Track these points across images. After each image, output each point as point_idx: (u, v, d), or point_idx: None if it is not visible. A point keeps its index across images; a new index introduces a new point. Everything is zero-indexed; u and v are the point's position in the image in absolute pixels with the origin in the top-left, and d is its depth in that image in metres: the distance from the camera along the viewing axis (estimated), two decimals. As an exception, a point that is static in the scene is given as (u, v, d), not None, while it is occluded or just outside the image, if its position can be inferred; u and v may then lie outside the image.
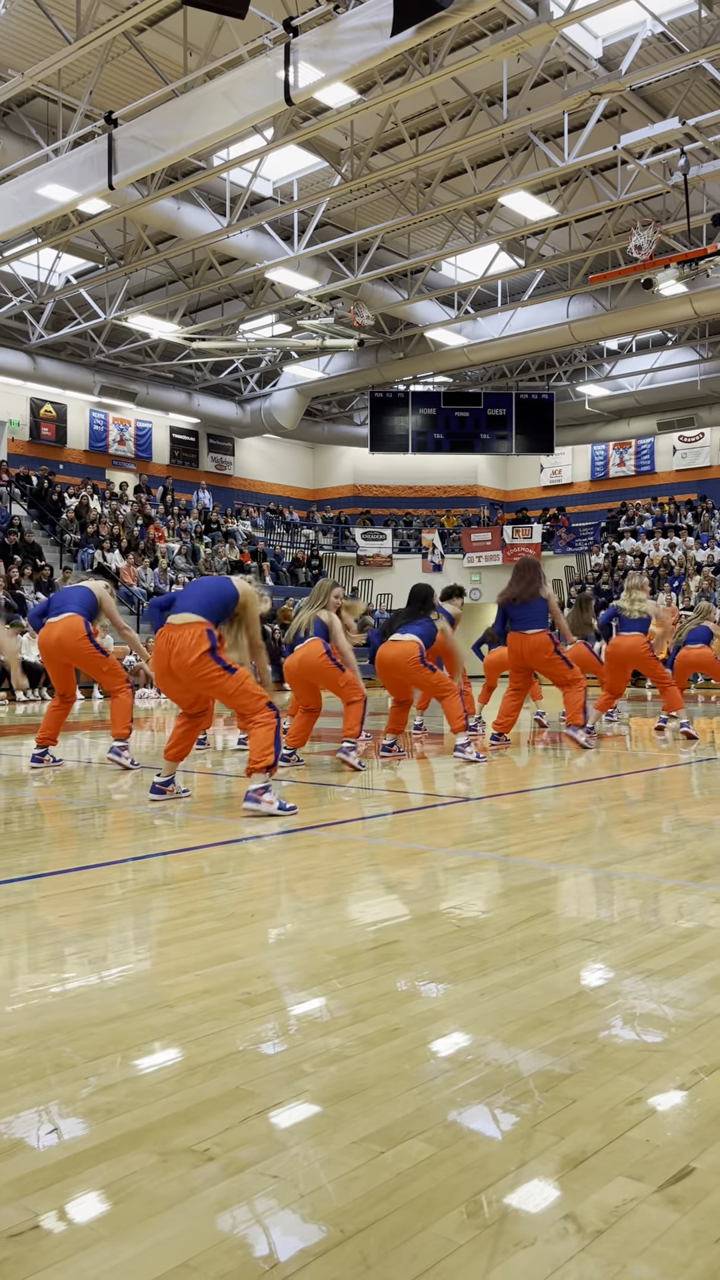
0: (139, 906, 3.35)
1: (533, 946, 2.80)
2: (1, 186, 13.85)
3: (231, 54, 11.22)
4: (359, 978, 2.55)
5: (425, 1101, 1.85)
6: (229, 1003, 2.37)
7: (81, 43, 11.06)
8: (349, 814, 5.27)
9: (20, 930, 3.02)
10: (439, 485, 30.97)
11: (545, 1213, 1.49)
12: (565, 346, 22.55)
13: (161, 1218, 1.47)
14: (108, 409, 25.88)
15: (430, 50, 11.58)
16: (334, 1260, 1.37)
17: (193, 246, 16.60)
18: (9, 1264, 1.36)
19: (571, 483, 30.83)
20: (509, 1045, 2.11)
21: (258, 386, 26.89)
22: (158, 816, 5.12)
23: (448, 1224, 1.45)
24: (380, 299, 20.06)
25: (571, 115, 13.75)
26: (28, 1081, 1.95)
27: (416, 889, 3.57)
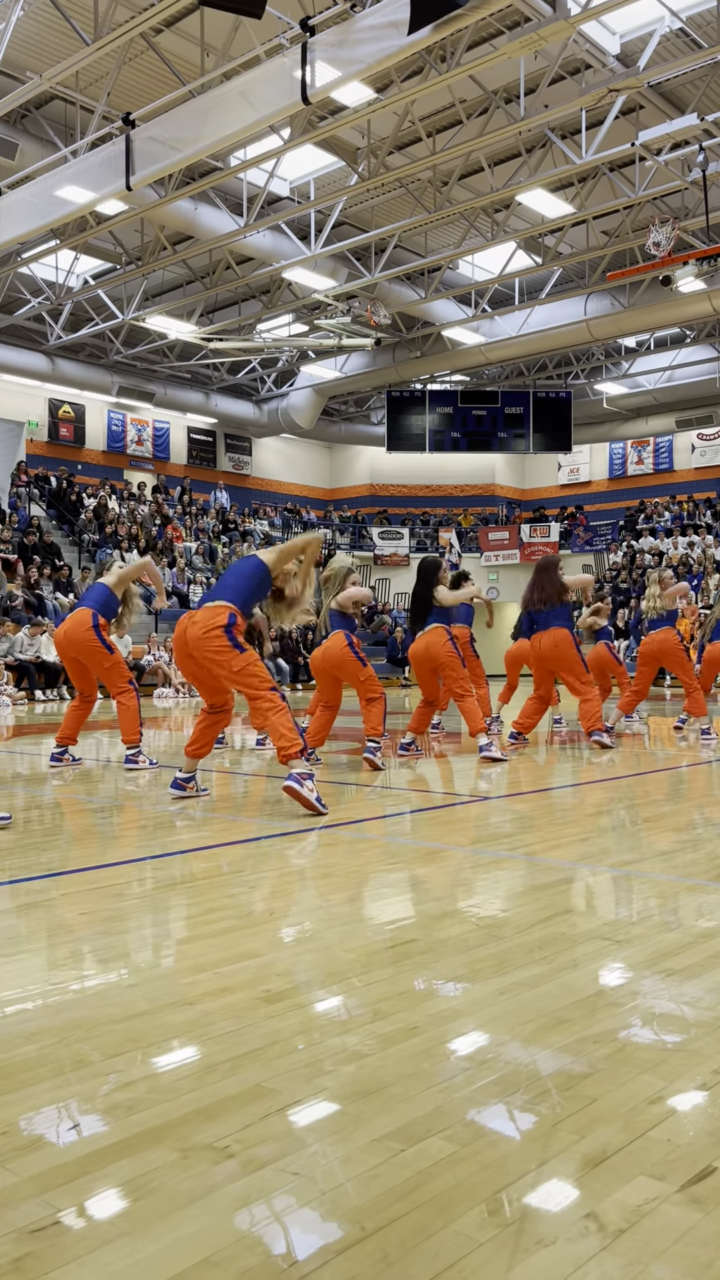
0: (158, 904, 3.36)
1: (552, 945, 2.79)
2: (20, 188, 13.92)
3: (248, 54, 11.23)
4: (378, 976, 2.55)
5: (445, 1100, 1.85)
6: (248, 1000, 2.38)
7: (99, 44, 11.10)
8: (368, 813, 5.27)
9: (40, 928, 3.04)
10: (456, 484, 30.92)
11: (566, 1212, 1.48)
12: (583, 344, 22.47)
13: (182, 1214, 1.48)
14: (125, 409, 25.97)
15: (447, 48, 11.56)
16: (355, 1257, 1.37)
17: (210, 247, 16.64)
18: (31, 1259, 1.37)
19: (589, 481, 30.73)
20: (528, 1044, 2.11)
21: (275, 386, 26.92)
22: (177, 815, 5.14)
23: (468, 1222, 1.45)
24: (397, 298, 20.05)
25: (589, 112, 13.71)
26: (49, 1078, 1.96)
27: (436, 888, 3.56)
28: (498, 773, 6.88)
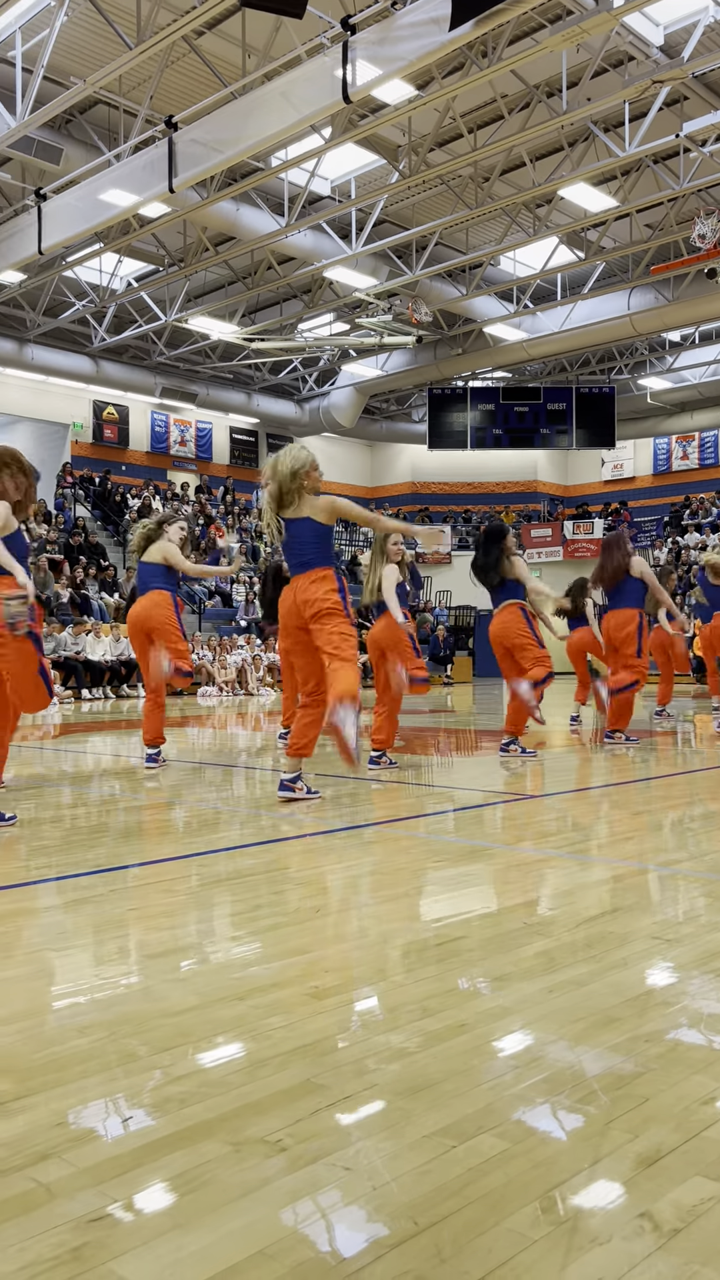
0: (205, 901, 3.39)
1: (601, 944, 2.77)
2: (65, 193, 14.08)
3: (289, 54, 11.27)
4: (425, 973, 2.55)
5: (495, 1097, 1.85)
6: (296, 996, 2.39)
7: (142, 48, 11.19)
8: (412, 810, 5.27)
9: (90, 924, 3.07)
10: (498, 481, 30.78)
11: (620, 1211, 1.48)
12: (626, 339, 22.28)
13: (236, 1206, 1.49)
14: (169, 410, 26.16)
15: (489, 43, 11.51)
16: (408, 1252, 1.37)
17: (251, 247, 16.72)
18: (89, 1248, 1.39)
19: (633, 477, 30.44)
20: (578, 1043, 2.10)
21: (316, 385, 26.98)
22: (222, 812, 5.17)
23: (521, 1219, 1.45)
24: (438, 295, 20.00)
25: (632, 104, 13.58)
26: (101, 1071, 1.98)
27: (481, 885, 3.55)
28: (539, 771, 6.84)
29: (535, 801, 5.60)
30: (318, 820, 4.90)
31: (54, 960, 2.73)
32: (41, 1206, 1.50)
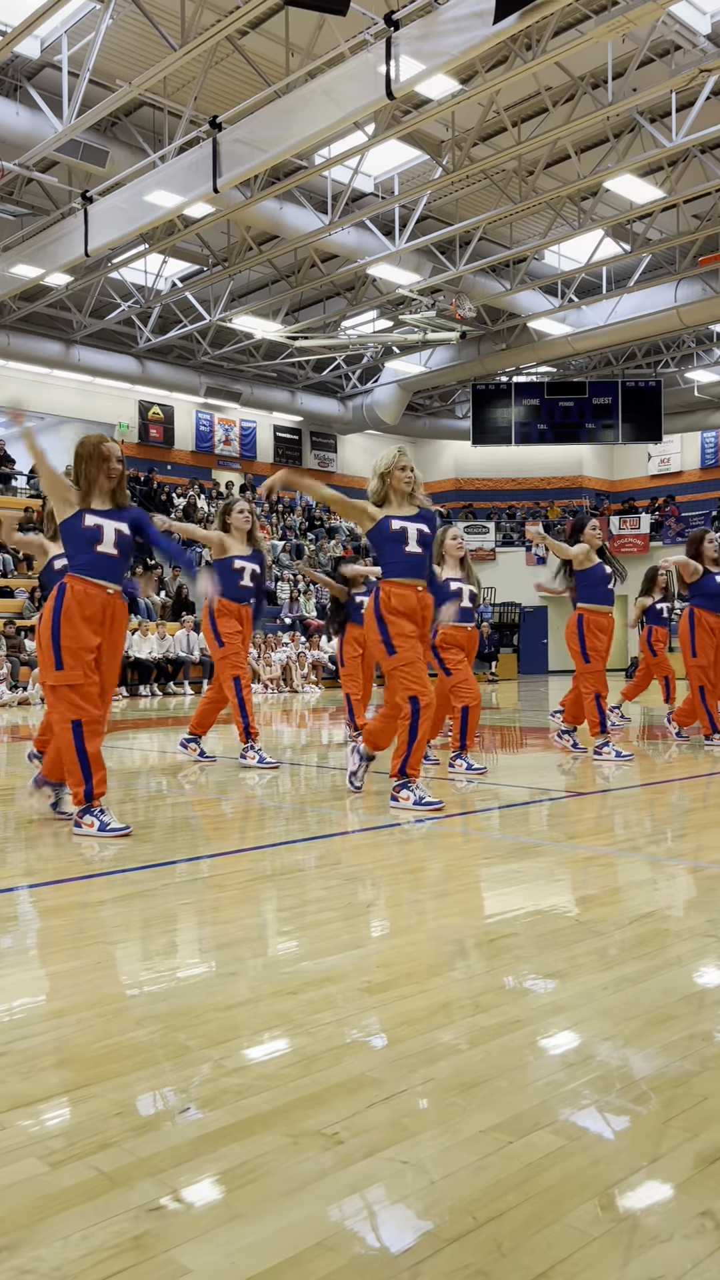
0: (257, 895, 3.41)
1: (654, 941, 2.75)
2: (111, 195, 14.21)
3: (333, 51, 11.27)
4: (478, 969, 2.55)
5: (550, 1094, 1.84)
6: (349, 991, 2.39)
7: (186, 49, 11.25)
8: (460, 807, 5.26)
9: (143, 918, 3.10)
10: (542, 477, 30.58)
11: (681, 1209, 1.46)
12: (673, 332, 22.00)
13: (295, 1197, 1.50)
14: (213, 409, 26.32)
15: (533, 36, 11.43)
16: (467, 1246, 1.37)
17: (295, 245, 16.75)
18: (150, 1237, 1.40)
19: (681, 471, 30.07)
20: (633, 1040, 2.08)
21: (359, 383, 26.99)
22: (268, 808, 5.19)
23: (581, 1216, 1.44)
24: (482, 290, 19.91)
25: (679, 94, 13.41)
26: (158, 1063, 2.00)
27: (531, 882, 3.54)
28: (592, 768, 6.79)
29: (584, 799, 5.56)
30: (367, 816, 4.91)
31: (109, 953, 2.77)
32: (103, 1195, 1.52)
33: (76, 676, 4.33)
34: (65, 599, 4.38)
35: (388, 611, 5.10)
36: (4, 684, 14.80)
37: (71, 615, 4.36)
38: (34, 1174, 1.58)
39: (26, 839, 4.48)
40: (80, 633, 4.36)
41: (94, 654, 4.40)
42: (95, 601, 4.41)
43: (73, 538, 4.49)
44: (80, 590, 4.40)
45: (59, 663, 4.33)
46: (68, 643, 4.33)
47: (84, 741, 4.33)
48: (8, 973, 2.59)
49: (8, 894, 3.43)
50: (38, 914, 3.24)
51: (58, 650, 4.33)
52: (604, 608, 7.24)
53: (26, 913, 3.24)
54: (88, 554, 4.45)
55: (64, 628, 4.34)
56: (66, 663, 4.33)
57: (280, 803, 5.45)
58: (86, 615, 4.38)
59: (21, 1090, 1.88)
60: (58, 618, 4.36)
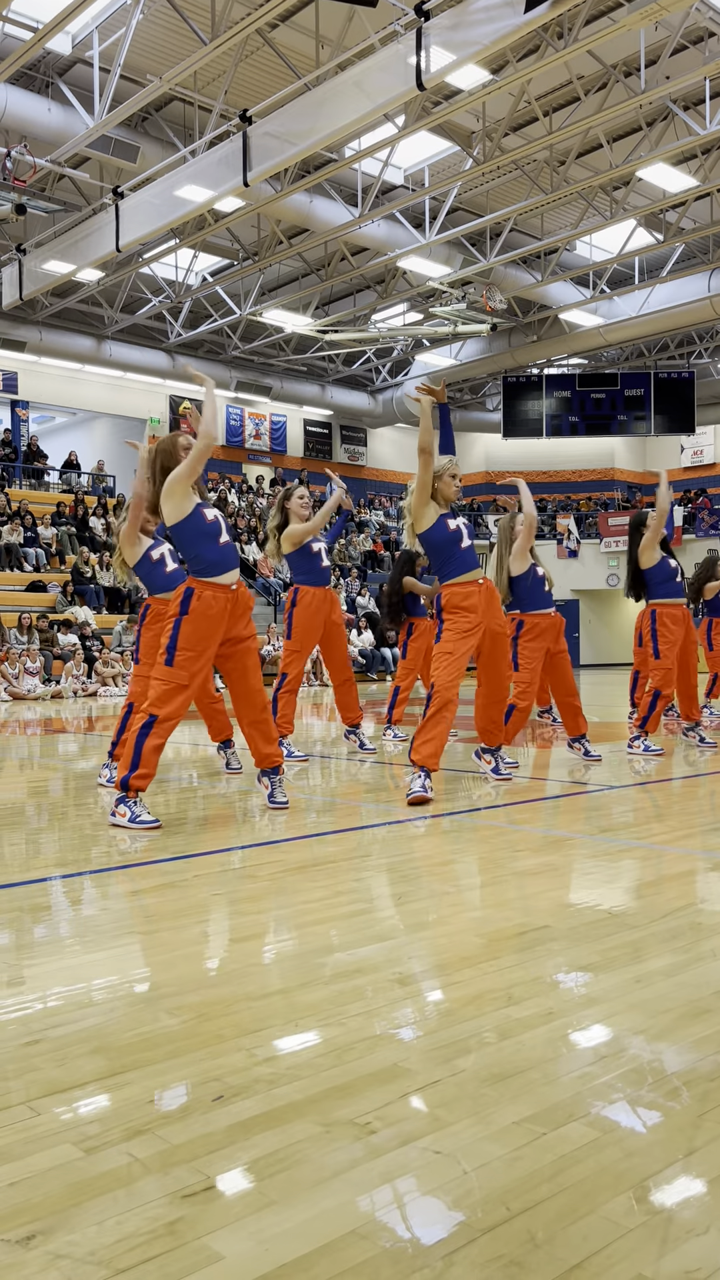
0: (288, 886, 3.41)
1: (688, 935, 2.73)
2: (142, 190, 14.25)
3: (363, 43, 11.23)
4: (509, 961, 2.54)
5: (583, 1086, 1.83)
6: (381, 982, 2.39)
7: (216, 43, 11.26)
8: (484, 801, 5.24)
9: (175, 908, 3.12)
10: (574, 469, 30.39)
11: (717, 1203, 1.45)
12: (707, 322, 21.77)
13: (328, 1186, 1.50)
14: (243, 404, 26.37)
15: (564, 24, 11.34)
16: (501, 1237, 1.37)
17: (325, 239, 16.73)
18: (183, 1223, 1.41)
19: (714, 463, 29.77)
20: (668, 1033, 2.06)
21: (389, 376, 26.93)
22: (301, 800, 5.20)
23: (615, 1208, 1.43)
24: (513, 282, 19.80)
25: (713, 81, 13.25)
26: (193, 1050, 2.01)
27: (563, 875, 3.52)
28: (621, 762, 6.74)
29: (615, 792, 5.53)
30: (397, 809, 4.91)
31: (142, 943, 2.78)
32: (137, 1181, 1.52)
33: (183, 677, 4.43)
34: (193, 605, 4.47)
35: (452, 610, 5.30)
36: (37, 678, 14.93)
37: (197, 619, 4.47)
38: (69, 1160, 1.59)
39: (60, 830, 4.52)
40: (207, 635, 4.50)
41: (210, 658, 4.57)
42: (223, 604, 4.54)
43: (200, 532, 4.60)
44: (211, 596, 4.51)
45: (170, 658, 4.45)
46: (185, 643, 4.45)
47: (149, 736, 4.41)
48: (42, 961, 2.61)
49: (41, 884, 3.46)
50: (70, 904, 3.27)
51: (172, 648, 4.45)
52: (678, 601, 7.18)
53: (60, 903, 3.27)
54: (215, 549, 4.57)
55: (185, 629, 4.46)
56: (177, 661, 4.44)
57: (311, 795, 5.46)
58: (214, 620, 4.52)
59: (56, 1077, 1.90)
60: (180, 619, 4.48)
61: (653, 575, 7.13)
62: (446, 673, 5.13)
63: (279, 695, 6.57)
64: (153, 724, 4.41)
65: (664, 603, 7.11)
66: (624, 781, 5.89)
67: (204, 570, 4.54)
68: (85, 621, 17.15)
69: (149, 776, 4.45)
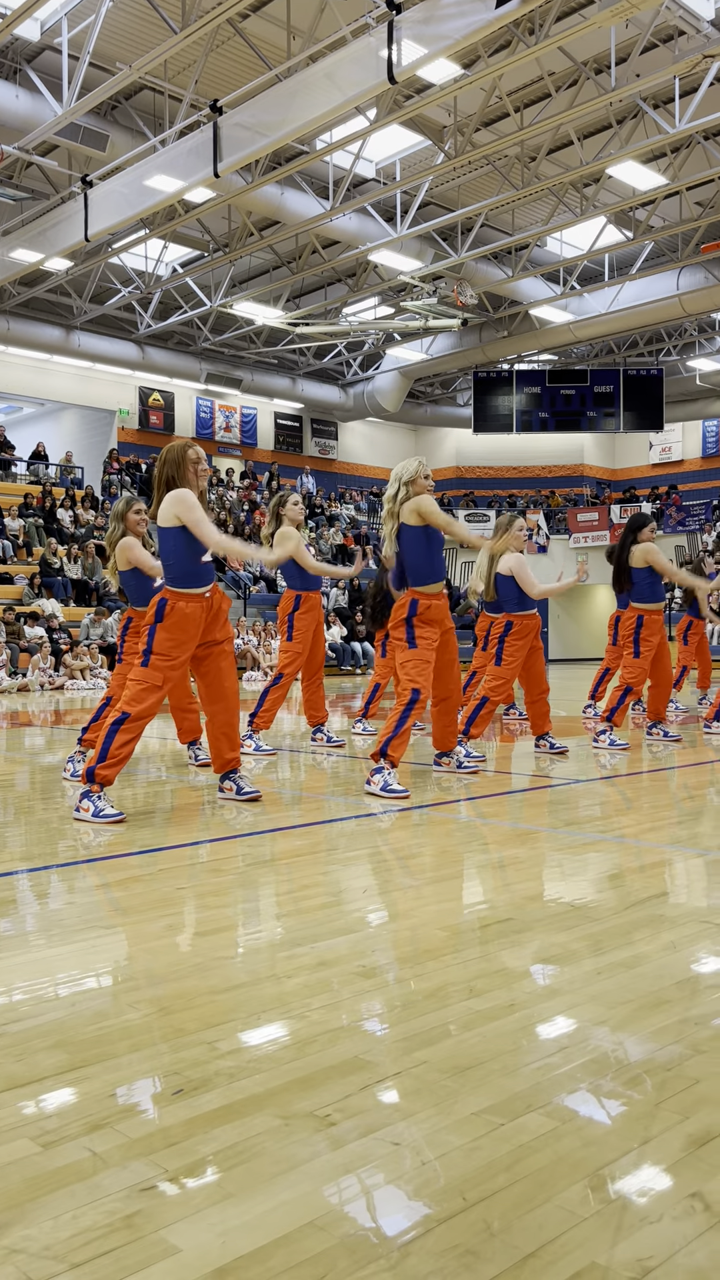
0: (253, 880, 3.41)
1: (649, 927, 2.76)
2: (111, 180, 14.13)
3: (334, 35, 11.20)
4: (472, 954, 2.55)
5: (543, 1077, 1.84)
6: (344, 975, 2.40)
7: (187, 32, 11.18)
8: (457, 794, 5.26)
9: (141, 902, 3.11)
10: (544, 465, 30.52)
11: (670, 1191, 1.47)
12: (675, 320, 21.93)
13: (286, 1178, 1.50)
14: (214, 396, 26.25)
15: (536, 20, 11.36)
16: (457, 1226, 1.38)
17: (296, 231, 16.67)
18: (141, 1217, 1.41)
19: (682, 460, 30.01)
20: (627, 1024, 2.08)
21: (360, 370, 26.90)
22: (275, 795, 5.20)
23: (571, 1197, 1.45)
24: (484, 277, 19.83)
25: (683, 80, 13.33)
26: (152, 1045, 2.01)
27: (527, 868, 3.54)
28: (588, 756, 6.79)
29: (581, 786, 5.57)
30: (365, 803, 4.91)
31: (107, 937, 2.77)
32: (94, 1175, 1.52)
33: (157, 679, 4.48)
34: (168, 614, 4.50)
35: (426, 622, 5.41)
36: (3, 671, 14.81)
37: (172, 627, 4.52)
38: (26, 1154, 1.59)
39: (26, 824, 4.49)
40: (181, 642, 4.54)
41: (185, 662, 4.62)
42: (198, 614, 4.58)
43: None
44: (186, 607, 4.54)
45: (145, 660, 4.50)
46: (161, 648, 4.49)
47: (120, 731, 4.44)
48: (5, 956, 2.59)
49: (6, 878, 3.43)
50: (35, 898, 3.25)
51: (148, 652, 4.50)
52: (660, 605, 7.29)
53: (25, 897, 3.25)
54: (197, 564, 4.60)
55: (160, 636, 4.50)
56: (153, 664, 4.49)
57: (279, 789, 5.46)
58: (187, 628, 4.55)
59: (15, 1072, 1.89)
60: (156, 626, 4.51)
61: (642, 575, 7.19)
62: (425, 678, 5.32)
63: (271, 690, 6.70)
64: (125, 720, 4.46)
65: (649, 607, 7.20)
66: (590, 775, 5.94)
67: (182, 580, 4.57)
68: (52, 614, 17.03)
69: (116, 768, 4.45)
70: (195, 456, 4.72)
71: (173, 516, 4.57)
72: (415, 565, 5.42)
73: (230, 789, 4.94)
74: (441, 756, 5.95)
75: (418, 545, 5.41)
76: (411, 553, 5.43)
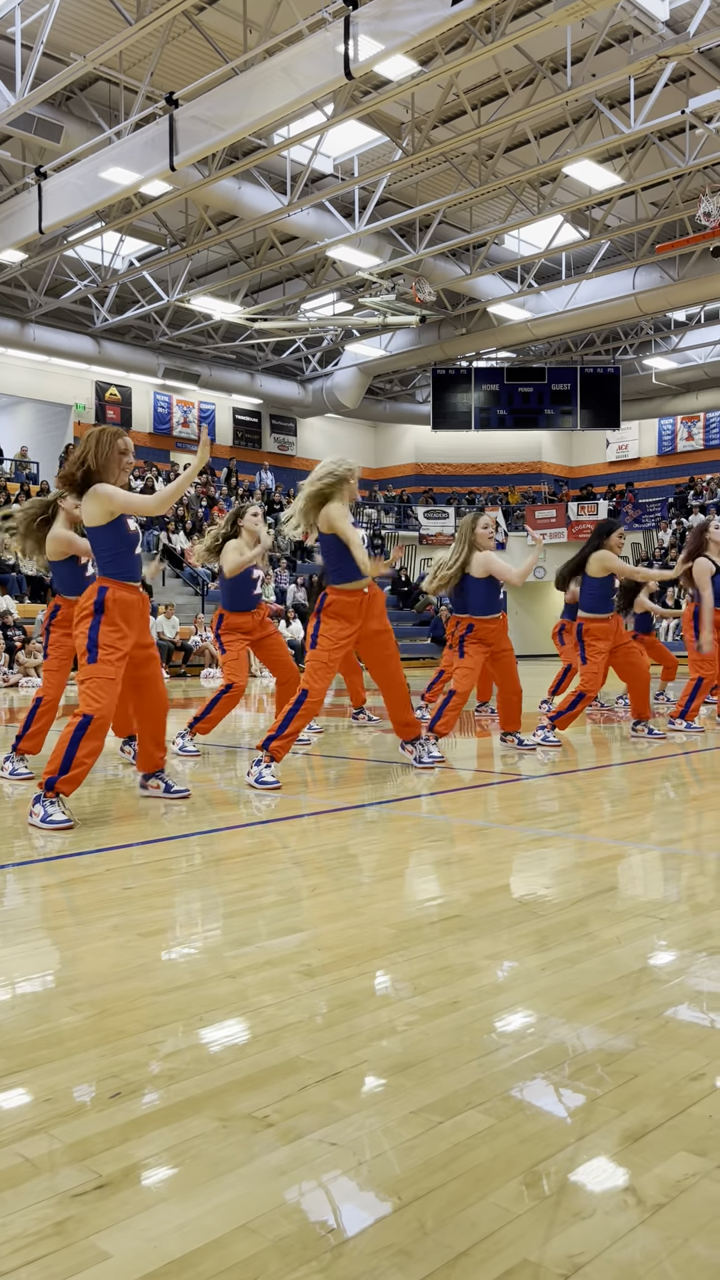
0: (202, 880, 3.39)
1: (595, 922, 2.77)
2: (65, 171, 13.97)
3: (291, 29, 11.15)
4: (419, 951, 2.55)
5: (484, 1074, 1.85)
6: (290, 974, 2.39)
7: (142, 23, 11.08)
8: (409, 790, 5.27)
9: (86, 902, 3.08)
10: (502, 462, 30.67)
11: (605, 1185, 1.48)
12: (631, 319, 22.13)
13: (222, 1181, 1.49)
14: (171, 391, 26.07)
15: (492, 18, 11.39)
16: (391, 1226, 1.37)
17: (254, 226, 16.60)
18: (72, 1223, 1.39)
19: (639, 458, 30.31)
20: (570, 1020, 2.10)
21: (319, 366, 26.86)
22: (225, 793, 5.17)
23: (506, 1194, 1.45)
24: (442, 274, 19.87)
25: (638, 80, 13.43)
26: (93, 1048, 1.98)
27: (478, 865, 3.55)
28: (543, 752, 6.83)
29: (533, 782, 5.60)
30: (320, 800, 4.91)
31: (49, 938, 2.74)
32: (26, 1182, 1.50)
33: (109, 671, 4.39)
34: (109, 604, 4.44)
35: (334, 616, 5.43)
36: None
37: (114, 617, 4.45)
38: (-42, 1161, 1.56)
39: (-28, 824, 4.42)
40: (124, 632, 4.48)
41: (128, 653, 4.52)
42: (135, 605, 4.54)
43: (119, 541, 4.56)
44: (124, 595, 4.50)
45: (93, 655, 4.40)
46: (106, 639, 4.42)
47: (85, 738, 4.31)
48: (-56, 958, 2.55)
49: (-51, 879, 3.38)
50: (-21, 899, 3.20)
51: (94, 645, 4.41)
52: (605, 616, 7.21)
53: (-33, 898, 3.20)
54: (129, 558, 4.57)
55: (104, 627, 4.43)
56: (101, 657, 4.40)
57: (237, 788, 5.43)
58: (128, 618, 4.50)
59: (-50, 1077, 1.86)
60: (98, 618, 4.44)
61: (594, 584, 7.16)
62: (324, 682, 5.33)
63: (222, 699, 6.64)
64: (89, 724, 4.29)
65: (592, 617, 7.19)
66: (542, 771, 5.97)
67: (117, 573, 4.54)
68: (7, 610, 16.83)
69: (78, 782, 4.34)
70: (124, 447, 4.58)
71: (101, 514, 4.49)
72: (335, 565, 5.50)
73: (157, 787, 4.93)
74: (407, 744, 6.02)
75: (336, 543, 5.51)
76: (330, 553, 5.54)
